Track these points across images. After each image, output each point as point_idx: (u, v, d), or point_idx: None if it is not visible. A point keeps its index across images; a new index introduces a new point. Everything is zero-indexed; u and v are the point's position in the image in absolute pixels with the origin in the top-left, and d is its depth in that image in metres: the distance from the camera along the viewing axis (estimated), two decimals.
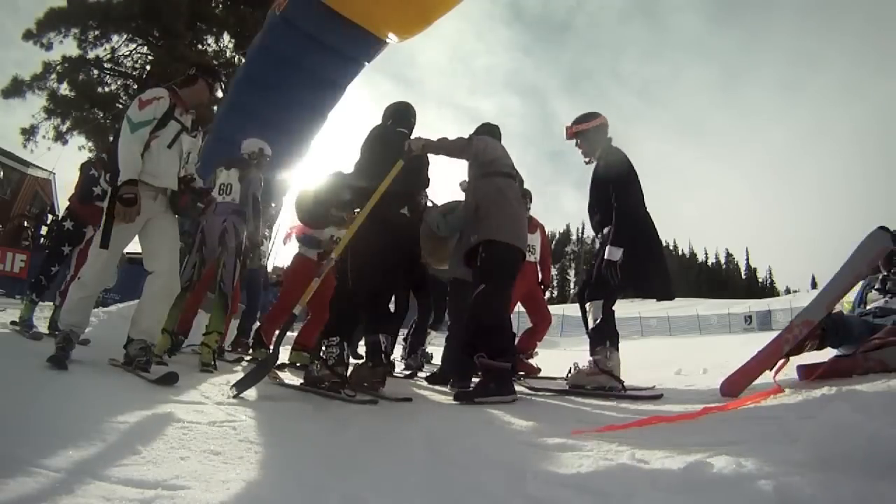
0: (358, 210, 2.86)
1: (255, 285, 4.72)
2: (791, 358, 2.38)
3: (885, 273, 2.85)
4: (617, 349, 2.76)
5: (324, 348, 2.38)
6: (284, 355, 3.58)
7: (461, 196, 3.14)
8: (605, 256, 2.68)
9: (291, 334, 4.03)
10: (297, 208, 3.54)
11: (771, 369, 2.27)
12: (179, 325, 3.60)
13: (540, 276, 4.27)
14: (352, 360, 2.63)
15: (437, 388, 3.13)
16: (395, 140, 2.78)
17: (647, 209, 2.90)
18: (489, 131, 3.11)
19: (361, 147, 2.79)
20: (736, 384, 2.30)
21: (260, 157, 3.82)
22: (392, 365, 4.04)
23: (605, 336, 2.76)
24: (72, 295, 2.51)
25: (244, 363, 3.62)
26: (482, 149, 2.79)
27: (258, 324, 4.41)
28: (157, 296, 2.55)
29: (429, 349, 4.61)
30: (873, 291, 2.86)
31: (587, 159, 3.02)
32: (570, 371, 2.92)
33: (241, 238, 3.37)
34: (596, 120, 2.99)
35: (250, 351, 4.09)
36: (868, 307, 2.81)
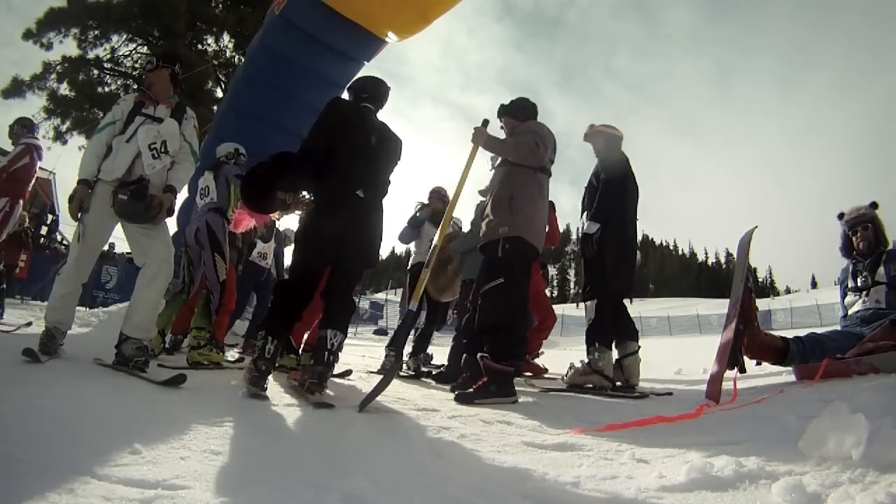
0: (305, 194, 2.62)
1: (245, 284, 4.64)
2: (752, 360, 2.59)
3: (851, 262, 2.86)
4: (609, 348, 2.82)
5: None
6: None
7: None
8: (584, 231, 2.87)
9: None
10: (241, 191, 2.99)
11: (732, 367, 2.36)
12: (178, 325, 3.61)
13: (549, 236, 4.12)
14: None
15: (438, 388, 3.13)
16: (354, 114, 2.45)
17: (636, 216, 2.97)
18: (531, 115, 2.86)
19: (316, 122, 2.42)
20: (713, 389, 2.32)
21: (236, 156, 3.85)
22: (399, 365, 4.04)
23: (594, 337, 2.83)
24: (54, 293, 2.55)
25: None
26: (552, 149, 2.70)
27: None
28: (150, 284, 2.54)
29: (429, 350, 4.60)
30: (850, 295, 2.83)
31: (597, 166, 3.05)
32: (568, 370, 2.97)
33: (216, 233, 3.33)
34: (611, 129, 3.11)
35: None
36: (850, 312, 2.79)
